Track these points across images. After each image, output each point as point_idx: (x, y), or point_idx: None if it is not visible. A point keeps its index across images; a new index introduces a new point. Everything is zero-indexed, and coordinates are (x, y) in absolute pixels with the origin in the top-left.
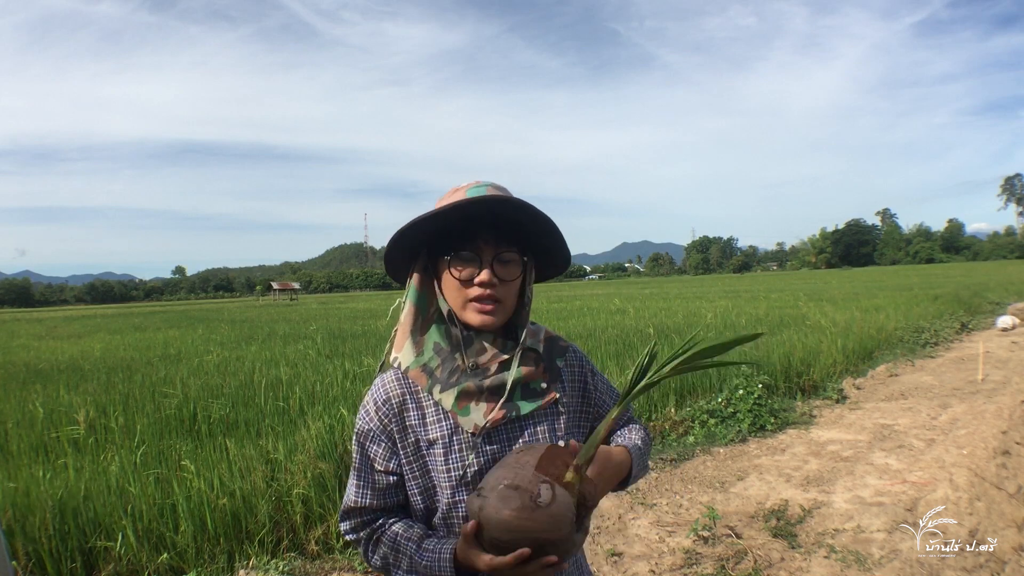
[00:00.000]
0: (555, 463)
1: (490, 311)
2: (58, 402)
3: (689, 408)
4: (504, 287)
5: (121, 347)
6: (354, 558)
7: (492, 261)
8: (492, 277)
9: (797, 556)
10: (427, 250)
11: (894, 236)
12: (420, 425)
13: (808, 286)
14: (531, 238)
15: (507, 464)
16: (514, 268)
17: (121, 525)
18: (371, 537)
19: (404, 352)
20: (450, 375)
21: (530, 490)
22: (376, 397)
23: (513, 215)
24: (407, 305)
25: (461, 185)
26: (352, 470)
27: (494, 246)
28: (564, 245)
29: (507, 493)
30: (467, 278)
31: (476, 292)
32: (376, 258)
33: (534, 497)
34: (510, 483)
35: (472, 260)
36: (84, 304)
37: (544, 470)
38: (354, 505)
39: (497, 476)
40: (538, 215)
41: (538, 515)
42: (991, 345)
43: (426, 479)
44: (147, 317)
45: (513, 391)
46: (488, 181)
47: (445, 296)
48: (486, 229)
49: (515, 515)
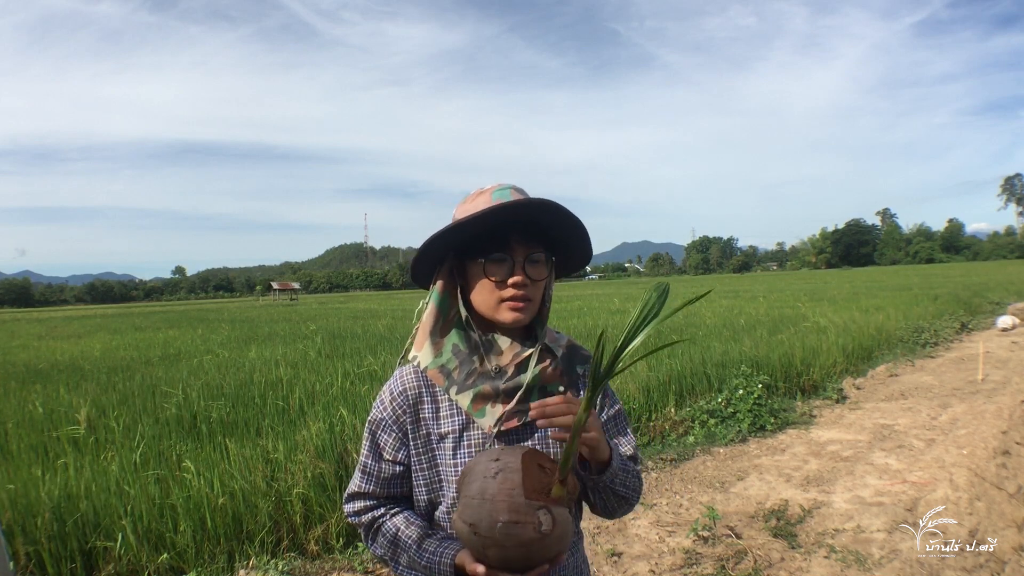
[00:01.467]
0: (538, 480)
1: (522, 309)
2: (58, 402)
3: (689, 408)
4: (534, 286)
5: (121, 347)
6: (354, 558)
7: (524, 262)
8: (525, 278)
9: (797, 556)
10: (453, 254)
11: (894, 236)
12: (433, 419)
13: (808, 286)
14: (557, 239)
15: (491, 496)
16: (543, 268)
17: (121, 525)
18: (372, 524)
19: (423, 352)
20: (467, 377)
21: (531, 522)
22: (393, 388)
23: (539, 216)
24: (430, 306)
25: (485, 188)
26: (360, 456)
27: (525, 247)
28: (588, 243)
29: (511, 530)
30: (501, 279)
31: (510, 292)
32: (376, 258)
33: (536, 527)
34: (510, 519)
35: (505, 262)
36: (84, 304)
37: (533, 495)
38: (358, 490)
39: (488, 511)
40: (568, 217)
41: (547, 542)
42: (991, 345)
43: (433, 472)
44: (147, 317)
45: (529, 393)
46: (509, 183)
47: (475, 298)
48: (517, 231)
49: (526, 551)
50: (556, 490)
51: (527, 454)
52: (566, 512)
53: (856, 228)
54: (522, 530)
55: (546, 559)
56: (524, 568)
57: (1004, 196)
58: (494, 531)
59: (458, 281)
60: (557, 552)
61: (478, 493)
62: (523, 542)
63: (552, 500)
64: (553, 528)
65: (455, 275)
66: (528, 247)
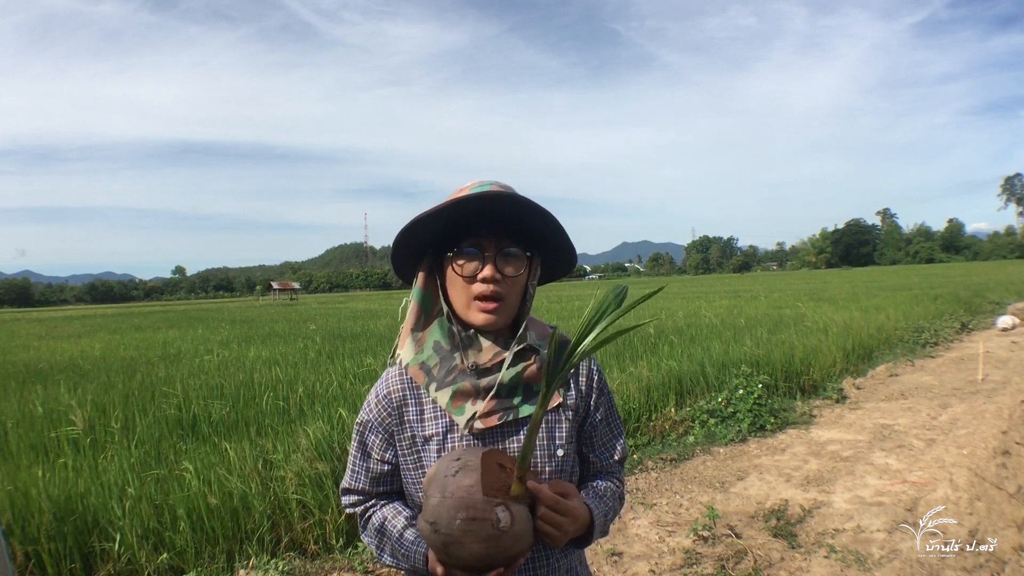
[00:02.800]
0: (497, 477)
1: (493, 310)
2: (58, 402)
3: (689, 408)
4: (507, 283)
5: (121, 347)
6: (354, 558)
7: (495, 256)
8: (495, 272)
9: (797, 556)
10: (431, 250)
11: (894, 236)
12: (418, 421)
13: (808, 286)
14: (538, 237)
15: (450, 493)
16: (518, 263)
17: (120, 525)
18: (364, 514)
19: (405, 349)
20: (447, 374)
21: (489, 518)
22: (378, 391)
23: (517, 213)
24: (412, 303)
25: (466, 185)
26: (350, 453)
27: (496, 241)
28: (567, 239)
29: (470, 527)
30: (470, 274)
31: (480, 289)
32: (376, 258)
33: (495, 524)
34: (468, 516)
35: (475, 255)
36: (84, 304)
37: (492, 492)
38: (348, 486)
39: (448, 507)
40: (537, 210)
41: (504, 540)
42: (991, 345)
43: (419, 473)
44: (147, 317)
45: (513, 391)
46: (492, 180)
47: (450, 295)
48: (489, 225)
49: (485, 547)
50: (515, 487)
51: (487, 453)
52: (525, 510)
53: (856, 228)
54: (480, 527)
55: (506, 557)
56: (484, 567)
57: (1004, 196)
58: (453, 528)
59: (437, 276)
60: (517, 551)
61: (438, 491)
62: (481, 538)
63: (511, 498)
64: (512, 525)
65: (434, 271)
66: (500, 241)
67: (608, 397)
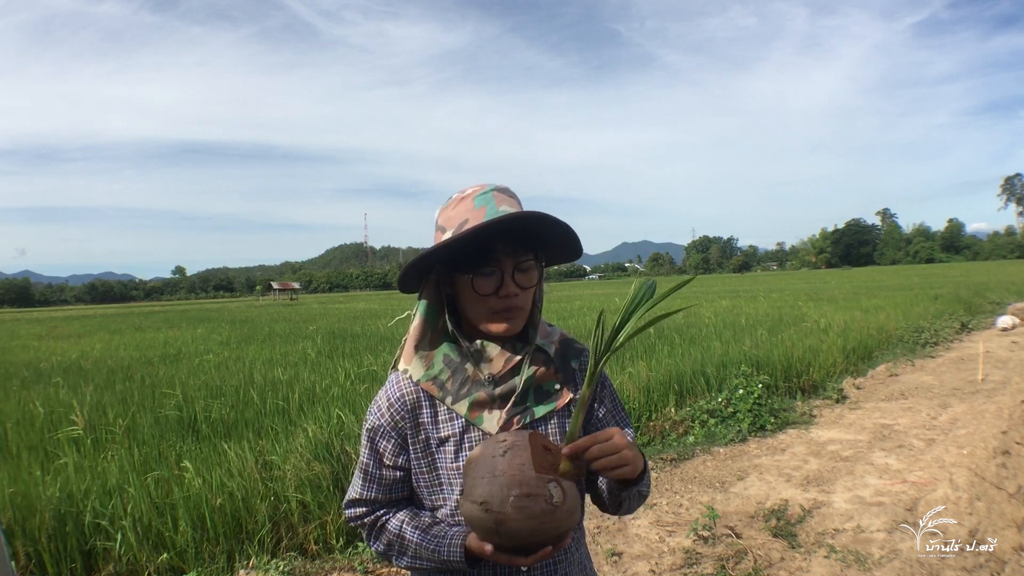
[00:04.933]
0: (546, 457)
1: (512, 318)
2: (58, 402)
3: (689, 408)
4: (524, 294)
5: (121, 347)
6: (354, 558)
7: (513, 272)
8: (515, 288)
9: (797, 556)
10: (439, 266)
11: (894, 236)
12: (432, 423)
13: (808, 286)
14: (545, 237)
15: (501, 472)
16: (533, 274)
17: (121, 525)
18: (375, 523)
19: (414, 366)
20: (461, 386)
21: (543, 494)
22: (390, 394)
23: (527, 224)
24: (417, 318)
25: (467, 191)
26: (360, 463)
27: (513, 257)
28: (576, 239)
29: (523, 503)
30: (489, 291)
31: (500, 304)
32: (376, 258)
33: (548, 499)
34: (521, 492)
35: (494, 275)
36: (84, 304)
37: (542, 469)
38: (360, 497)
39: (500, 485)
40: (557, 224)
41: (557, 515)
42: (991, 345)
43: (433, 476)
44: (147, 317)
45: (526, 394)
46: (492, 184)
47: (465, 310)
48: (503, 241)
49: (539, 522)
50: (564, 465)
51: (533, 434)
52: (575, 486)
53: (856, 228)
54: (534, 502)
55: (557, 533)
56: (535, 544)
57: (1004, 196)
58: (506, 505)
59: (445, 292)
60: (567, 527)
61: (487, 472)
62: (535, 514)
63: (560, 475)
64: (564, 500)
65: (441, 287)
66: (516, 257)
67: (611, 390)
